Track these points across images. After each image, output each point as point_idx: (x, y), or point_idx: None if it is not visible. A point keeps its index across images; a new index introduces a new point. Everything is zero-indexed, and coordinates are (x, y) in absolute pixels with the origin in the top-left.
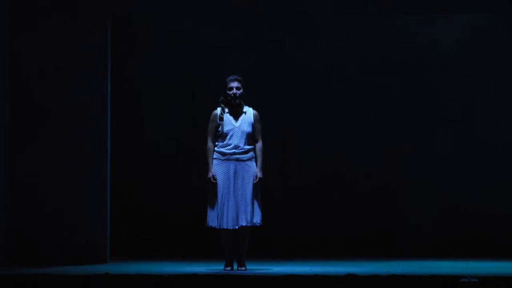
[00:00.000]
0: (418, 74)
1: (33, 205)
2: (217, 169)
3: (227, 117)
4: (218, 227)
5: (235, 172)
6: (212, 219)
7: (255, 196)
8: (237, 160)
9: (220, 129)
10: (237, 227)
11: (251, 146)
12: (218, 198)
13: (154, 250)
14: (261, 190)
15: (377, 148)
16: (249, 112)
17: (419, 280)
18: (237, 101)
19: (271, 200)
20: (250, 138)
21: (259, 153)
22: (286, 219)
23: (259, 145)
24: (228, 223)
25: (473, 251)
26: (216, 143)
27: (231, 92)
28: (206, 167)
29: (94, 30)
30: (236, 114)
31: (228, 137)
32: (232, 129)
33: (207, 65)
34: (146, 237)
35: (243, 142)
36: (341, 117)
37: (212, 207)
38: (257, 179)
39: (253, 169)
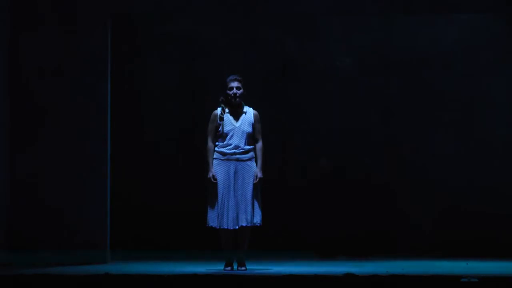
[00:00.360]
0: (418, 74)
1: (33, 205)
2: (217, 169)
3: (227, 117)
4: (218, 227)
5: (235, 172)
6: (213, 219)
7: (255, 196)
8: (237, 160)
9: (220, 129)
10: (237, 227)
11: (251, 146)
12: (218, 198)
13: (154, 250)
14: (261, 190)
15: (377, 148)
16: (249, 112)
17: (419, 280)
18: (237, 100)
19: (271, 200)
20: (250, 138)
21: (259, 153)
22: (286, 219)
23: (259, 145)
24: (228, 223)
25: (473, 251)
26: (216, 143)
27: (231, 92)
28: (206, 167)
29: (94, 30)
30: (236, 114)
31: (229, 137)
32: (233, 129)
33: (207, 65)
34: (146, 237)
35: (243, 142)
36: (341, 117)
37: (212, 207)
38: (257, 179)
39: (253, 169)
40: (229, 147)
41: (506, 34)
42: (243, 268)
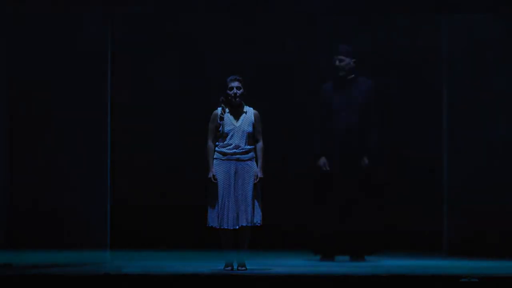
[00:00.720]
0: (418, 74)
1: (33, 205)
2: (218, 169)
3: (228, 117)
4: (218, 227)
5: (235, 172)
6: (213, 219)
7: (255, 196)
8: (238, 160)
9: (220, 129)
10: (237, 227)
11: (251, 146)
12: (219, 198)
13: (154, 249)
14: (261, 190)
15: (377, 148)
16: (249, 112)
17: (419, 280)
18: (237, 100)
19: (271, 200)
20: (251, 138)
21: (259, 153)
22: (286, 219)
23: (259, 145)
24: (228, 223)
25: (473, 251)
26: (217, 143)
27: (231, 92)
28: (206, 167)
29: (94, 30)
30: (237, 114)
31: (229, 137)
32: (233, 129)
33: (207, 65)
34: (146, 237)
35: (244, 142)
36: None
37: (213, 207)
38: (258, 179)
39: (254, 169)
40: (229, 147)
41: (506, 34)
42: (243, 268)
